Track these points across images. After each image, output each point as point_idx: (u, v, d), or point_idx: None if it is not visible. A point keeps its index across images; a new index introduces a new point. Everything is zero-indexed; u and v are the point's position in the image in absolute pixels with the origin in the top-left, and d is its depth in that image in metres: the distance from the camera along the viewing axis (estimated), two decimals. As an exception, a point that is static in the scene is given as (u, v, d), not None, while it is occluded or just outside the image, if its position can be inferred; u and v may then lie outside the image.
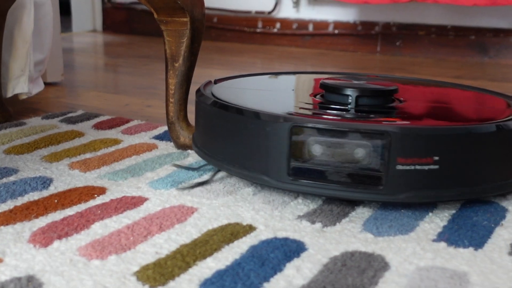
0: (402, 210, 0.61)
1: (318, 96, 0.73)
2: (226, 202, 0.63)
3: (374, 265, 0.49)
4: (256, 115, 0.63)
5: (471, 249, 0.53)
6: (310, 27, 2.13)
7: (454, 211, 0.61)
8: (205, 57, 1.87)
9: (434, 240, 0.54)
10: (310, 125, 0.59)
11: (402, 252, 0.52)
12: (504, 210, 0.61)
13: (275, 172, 0.61)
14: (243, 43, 2.26)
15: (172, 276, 0.47)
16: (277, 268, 0.49)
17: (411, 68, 1.71)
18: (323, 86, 0.71)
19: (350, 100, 0.68)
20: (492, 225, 0.57)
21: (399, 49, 1.98)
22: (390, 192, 0.59)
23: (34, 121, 0.96)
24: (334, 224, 0.58)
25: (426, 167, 0.59)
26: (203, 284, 0.46)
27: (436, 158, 0.58)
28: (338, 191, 0.59)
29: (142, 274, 0.48)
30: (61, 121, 0.97)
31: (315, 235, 0.55)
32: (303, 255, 0.51)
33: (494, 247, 0.53)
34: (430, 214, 0.61)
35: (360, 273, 0.48)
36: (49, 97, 1.21)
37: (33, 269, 0.48)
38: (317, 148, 0.60)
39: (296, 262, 0.50)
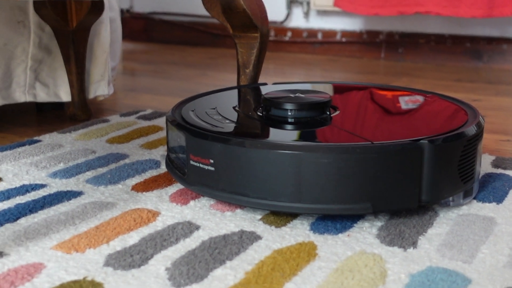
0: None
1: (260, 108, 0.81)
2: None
3: (428, 213, 0.69)
4: (171, 111, 0.79)
5: (494, 203, 0.72)
6: (319, 36, 2.33)
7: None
8: (226, 63, 2.07)
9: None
10: (167, 122, 0.76)
11: (445, 206, 0.72)
12: (515, 179, 0.81)
13: (166, 157, 0.80)
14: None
15: (288, 221, 0.67)
16: (360, 216, 0.68)
17: (415, 73, 1.91)
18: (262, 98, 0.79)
19: (261, 111, 0.78)
20: (507, 188, 0.77)
21: (402, 56, 2.19)
22: (189, 182, 0.71)
23: (115, 119, 1.15)
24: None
25: (206, 167, 0.68)
26: (312, 224, 0.66)
27: (212, 161, 0.67)
28: (173, 174, 0.74)
29: (266, 220, 0.67)
30: (137, 118, 1.15)
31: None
32: (375, 208, 0.71)
33: (510, 202, 0.73)
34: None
35: (420, 218, 0.68)
36: (110, 99, 1.40)
37: (186, 217, 0.68)
38: (171, 140, 0.76)
39: (371, 214, 0.69)
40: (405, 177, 0.64)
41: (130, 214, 0.68)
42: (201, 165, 0.68)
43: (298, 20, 2.37)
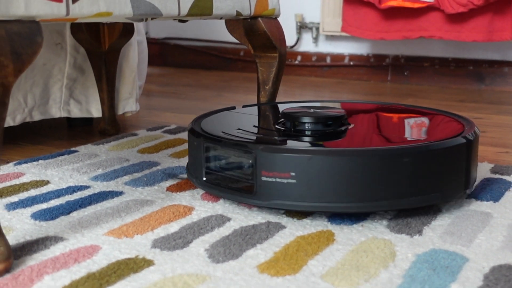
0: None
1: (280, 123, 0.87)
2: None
3: (433, 209, 0.78)
4: (196, 134, 0.80)
5: (491, 202, 0.81)
6: (328, 59, 2.43)
7: (477, 182, 0.90)
8: (239, 86, 2.17)
9: (466, 198, 0.83)
10: (212, 144, 0.77)
11: (447, 203, 0.80)
12: (510, 183, 0.90)
13: (199, 176, 0.80)
14: (267, 73, 2.55)
15: (308, 214, 0.76)
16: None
17: (420, 94, 2.01)
18: (281, 114, 0.85)
19: (289, 126, 0.83)
20: (503, 190, 0.86)
21: (407, 78, 2.29)
22: (260, 198, 0.73)
23: (143, 133, 1.25)
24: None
25: (285, 181, 0.71)
26: (330, 217, 0.74)
27: (293, 173, 0.70)
28: (228, 194, 0.76)
29: (289, 213, 0.76)
30: (163, 132, 1.25)
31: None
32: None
33: (506, 201, 0.81)
34: (460, 185, 0.89)
35: (425, 213, 0.76)
36: (133, 117, 1.50)
37: (217, 212, 0.77)
38: (217, 160, 0.77)
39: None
40: (459, 168, 0.76)
41: (168, 209, 0.77)
42: (278, 180, 0.71)
43: (307, 45, 2.48)
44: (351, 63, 2.38)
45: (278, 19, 1.07)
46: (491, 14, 1.89)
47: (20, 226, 0.71)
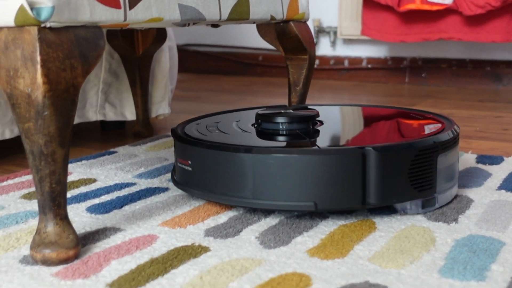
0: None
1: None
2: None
3: (465, 199, 0.82)
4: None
5: (521, 192, 0.85)
6: (346, 63, 2.47)
7: (506, 175, 0.93)
8: (260, 90, 2.22)
9: (496, 189, 0.87)
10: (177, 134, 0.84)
11: (479, 194, 0.84)
12: (537, 175, 0.94)
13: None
14: (285, 77, 2.60)
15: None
16: (407, 201, 0.81)
17: (438, 95, 2.05)
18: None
19: (255, 123, 0.89)
20: (531, 181, 0.90)
21: (425, 80, 2.33)
22: (177, 182, 0.83)
23: (176, 134, 1.29)
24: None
25: (186, 168, 0.80)
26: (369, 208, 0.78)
27: (190, 162, 0.79)
28: (172, 179, 0.85)
29: (329, 205, 0.80)
30: (195, 133, 1.30)
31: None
32: (419, 196, 0.83)
33: (535, 192, 0.85)
34: (492, 175, 0.93)
35: (458, 203, 0.80)
36: (164, 119, 1.54)
37: (261, 204, 0.81)
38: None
39: (416, 199, 0.82)
40: (348, 180, 0.71)
41: (215, 202, 0.82)
42: (184, 166, 0.80)
43: (325, 49, 2.52)
44: (369, 66, 2.42)
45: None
46: (509, 15, 1.93)
47: (78, 219, 0.76)
